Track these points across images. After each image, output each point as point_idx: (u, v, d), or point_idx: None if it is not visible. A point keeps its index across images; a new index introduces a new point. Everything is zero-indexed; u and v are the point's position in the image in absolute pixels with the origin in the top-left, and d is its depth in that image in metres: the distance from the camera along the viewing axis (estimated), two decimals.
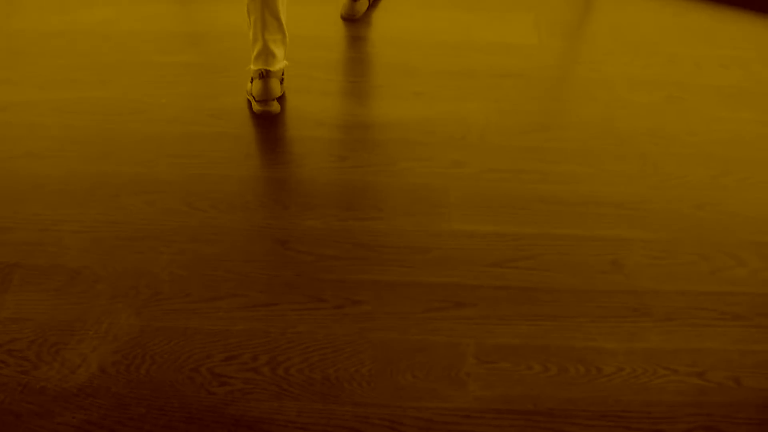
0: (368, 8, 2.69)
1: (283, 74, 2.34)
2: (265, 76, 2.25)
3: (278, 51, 2.23)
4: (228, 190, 2.10)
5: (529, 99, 2.44)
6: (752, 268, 1.96)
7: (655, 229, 2.06)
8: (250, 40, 2.24)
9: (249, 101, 2.36)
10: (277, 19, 2.19)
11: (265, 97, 2.28)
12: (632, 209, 2.11)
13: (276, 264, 1.90)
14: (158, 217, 2.03)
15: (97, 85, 2.46)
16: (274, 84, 2.27)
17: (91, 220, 2.02)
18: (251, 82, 2.32)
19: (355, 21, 2.66)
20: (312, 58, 2.55)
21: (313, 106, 2.38)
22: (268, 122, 2.32)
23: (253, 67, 2.25)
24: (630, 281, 1.91)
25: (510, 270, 1.92)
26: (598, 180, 2.18)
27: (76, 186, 2.12)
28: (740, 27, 2.82)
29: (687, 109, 2.46)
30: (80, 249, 1.93)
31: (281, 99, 2.40)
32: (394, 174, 2.16)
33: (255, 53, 2.24)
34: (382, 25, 2.69)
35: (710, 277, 1.94)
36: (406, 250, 1.95)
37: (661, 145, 2.31)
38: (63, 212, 2.04)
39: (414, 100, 2.40)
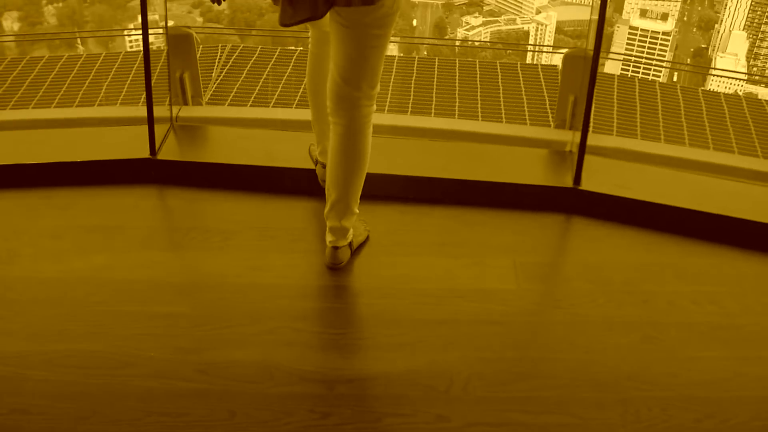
0: (351, 255, 2.81)
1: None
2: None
3: None
4: None
5: (510, 347, 2.50)
6: None
7: None
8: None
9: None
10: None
11: (324, 178, 2.77)
12: None
13: None
14: None
15: (87, 336, 2.51)
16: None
17: None
18: (315, 165, 2.97)
19: (339, 269, 2.77)
20: (296, 309, 2.63)
21: (296, 360, 2.42)
22: (252, 378, 2.36)
23: (320, 159, 2.91)
24: None
25: None
26: (580, 430, 2.20)
27: None
28: (709, 261, 2.95)
29: (664, 349, 2.52)
30: None
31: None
32: (378, 431, 2.18)
33: (318, 150, 2.93)
34: (365, 273, 2.79)
35: None
36: None
37: (641, 389, 2.35)
38: None
39: (397, 351, 2.45)
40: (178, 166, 3.29)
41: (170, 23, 3.86)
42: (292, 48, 4.54)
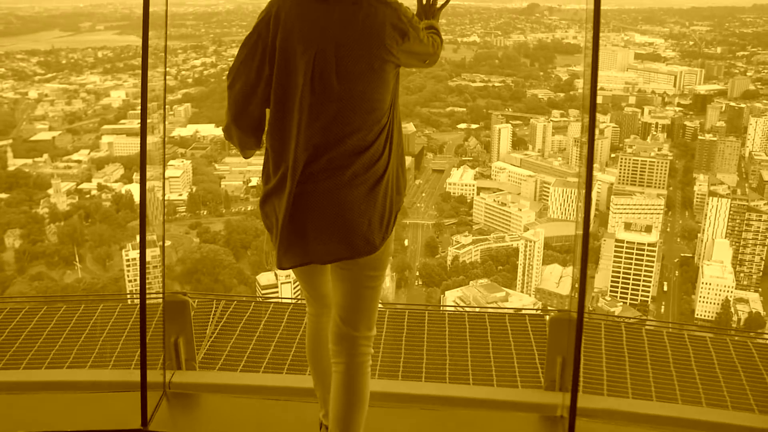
0: None
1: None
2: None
3: None
4: None
5: None
6: None
7: None
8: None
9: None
10: None
11: None
12: None
13: None
14: None
15: None
16: None
17: None
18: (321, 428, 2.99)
19: None
20: None
21: None
22: None
23: (324, 421, 2.94)
24: None
25: None
26: None
27: None
28: None
29: None
30: None
31: None
32: None
33: (322, 413, 2.96)
34: None
35: None
36: None
37: None
38: None
39: None
40: None
41: (168, 243, 3.97)
42: (287, 302, 4.62)
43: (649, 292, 46.14)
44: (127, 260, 43.18)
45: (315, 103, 2.48)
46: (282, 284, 40.17)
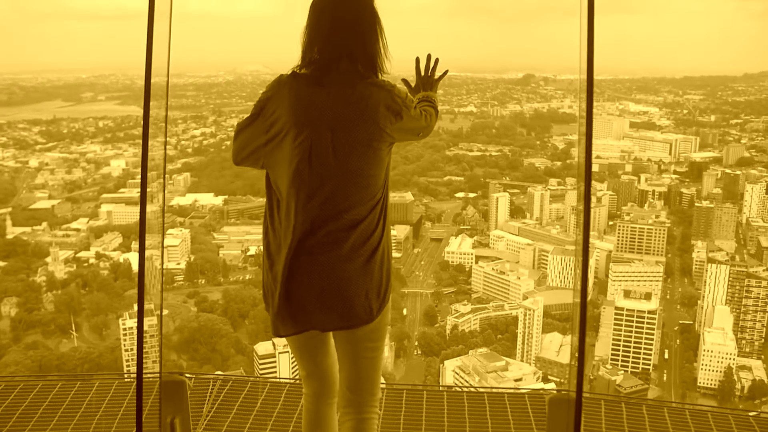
0: None
1: None
2: None
3: None
4: None
5: None
6: None
7: None
8: None
9: None
10: None
11: None
12: None
13: None
14: None
15: None
16: None
17: None
18: None
19: None
20: None
21: None
22: None
23: None
24: None
25: None
26: None
27: None
28: None
29: None
30: None
31: None
32: None
33: None
34: None
35: None
36: None
37: None
38: None
39: None
40: None
41: (165, 312, 3.95)
42: (285, 380, 4.58)
43: (650, 360, 45.70)
44: (124, 329, 42.85)
45: (313, 181, 2.56)
46: (280, 354, 39.84)
